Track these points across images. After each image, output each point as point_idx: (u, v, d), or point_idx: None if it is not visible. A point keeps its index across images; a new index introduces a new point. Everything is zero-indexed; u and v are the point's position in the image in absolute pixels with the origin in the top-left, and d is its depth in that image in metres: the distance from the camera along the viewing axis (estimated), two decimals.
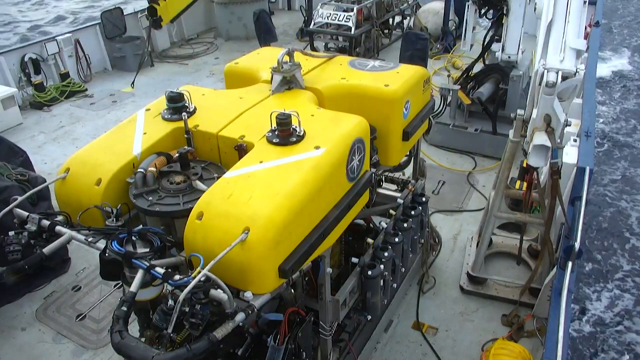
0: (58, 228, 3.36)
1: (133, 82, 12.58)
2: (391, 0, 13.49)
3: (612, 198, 11.30)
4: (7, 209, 3.43)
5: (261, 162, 3.36)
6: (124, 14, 13.42)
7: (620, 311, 8.58)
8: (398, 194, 5.32)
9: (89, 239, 3.25)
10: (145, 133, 3.91)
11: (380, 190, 5.38)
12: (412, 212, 5.12)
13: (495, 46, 8.76)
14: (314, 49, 11.93)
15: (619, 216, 10.75)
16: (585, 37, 6.45)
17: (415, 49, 10.41)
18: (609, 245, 9.98)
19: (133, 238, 3.07)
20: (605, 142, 13.45)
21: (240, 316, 2.82)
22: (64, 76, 12.21)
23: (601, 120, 14.35)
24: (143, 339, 3.58)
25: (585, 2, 5.04)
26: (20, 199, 3.49)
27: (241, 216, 2.95)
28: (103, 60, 13.52)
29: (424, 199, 5.42)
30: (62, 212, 3.55)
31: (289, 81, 4.40)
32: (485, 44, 9.09)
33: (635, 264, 9.51)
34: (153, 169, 3.53)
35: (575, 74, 4.48)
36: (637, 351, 7.89)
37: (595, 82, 7.52)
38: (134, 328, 3.93)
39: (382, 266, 4.50)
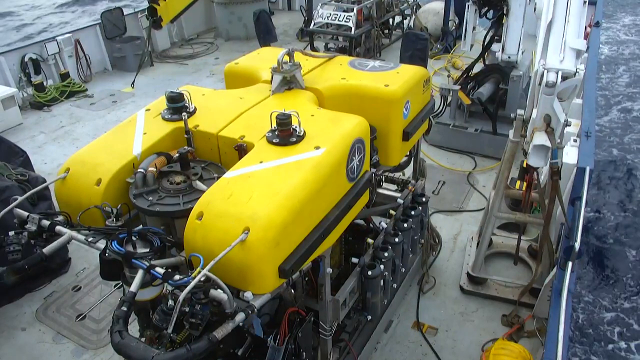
0: (58, 228, 3.36)
1: (133, 82, 12.58)
2: (391, 0, 13.50)
3: None
4: (7, 209, 3.43)
5: (261, 162, 3.36)
6: (124, 14, 13.43)
7: None
8: (398, 194, 5.32)
9: (89, 239, 3.25)
10: (145, 133, 3.91)
11: (380, 190, 5.37)
12: (412, 212, 5.12)
13: (495, 46, 8.75)
14: (314, 49, 11.92)
15: None
16: (585, 37, 6.45)
17: (415, 49, 10.41)
18: None
19: (133, 238, 3.07)
20: None
21: (240, 316, 2.82)
22: (64, 76, 12.21)
23: None
24: (143, 339, 3.58)
25: (585, 2, 5.03)
26: (20, 199, 3.49)
27: (241, 216, 2.95)
28: (103, 60, 13.52)
29: (424, 199, 5.41)
30: (62, 212, 3.55)
31: (289, 81, 4.39)
32: (485, 44, 9.09)
33: None
34: (153, 169, 3.53)
35: (575, 74, 4.48)
36: None
37: (595, 82, 7.51)
38: (134, 328, 3.92)
39: (382, 266, 4.50)
